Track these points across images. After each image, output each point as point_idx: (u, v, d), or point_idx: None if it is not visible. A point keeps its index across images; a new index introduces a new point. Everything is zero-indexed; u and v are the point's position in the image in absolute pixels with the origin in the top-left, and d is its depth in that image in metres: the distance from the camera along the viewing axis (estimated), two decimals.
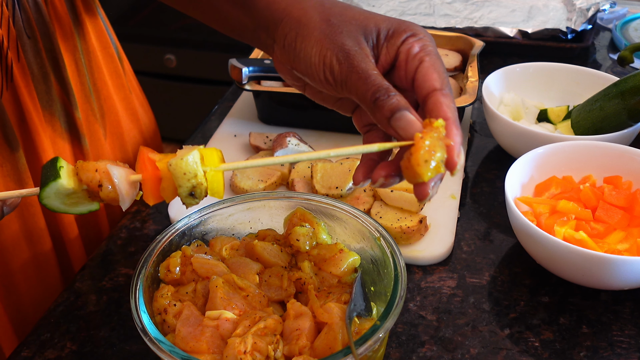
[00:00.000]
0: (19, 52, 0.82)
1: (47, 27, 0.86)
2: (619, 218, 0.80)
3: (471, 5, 1.47)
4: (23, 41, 0.83)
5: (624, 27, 1.40)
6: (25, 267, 0.87)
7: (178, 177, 0.57)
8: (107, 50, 1.00)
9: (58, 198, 0.58)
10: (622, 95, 0.92)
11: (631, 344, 0.73)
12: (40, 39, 0.85)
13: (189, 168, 0.56)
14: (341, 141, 1.04)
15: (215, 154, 0.59)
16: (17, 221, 0.85)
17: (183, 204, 0.58)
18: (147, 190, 0.59)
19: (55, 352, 0.73)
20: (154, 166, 0.58)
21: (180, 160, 0.56)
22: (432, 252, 0.83)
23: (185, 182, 0.56)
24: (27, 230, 0.86)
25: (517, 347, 0.72)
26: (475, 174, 1.00)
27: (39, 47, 0.84)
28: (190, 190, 0.57)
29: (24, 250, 0.87)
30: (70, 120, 0.91)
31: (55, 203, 0.58)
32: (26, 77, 0.84)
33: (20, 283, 0.87)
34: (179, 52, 2.43)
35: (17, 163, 0.83)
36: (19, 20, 0.82)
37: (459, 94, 1.06)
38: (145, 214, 0.93)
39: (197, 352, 0.59)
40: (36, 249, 0.88)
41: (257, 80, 1.05)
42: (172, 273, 0.68)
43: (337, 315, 0.61)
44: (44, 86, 0.86)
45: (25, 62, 0.83)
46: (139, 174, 0.59)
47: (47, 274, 0.90)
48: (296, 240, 0.70)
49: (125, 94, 1.05)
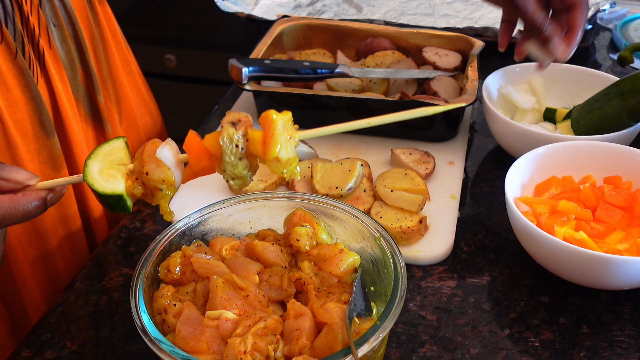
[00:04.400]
0: (50, 39, 0.85)
1: (70, 15, 0.89)
2: (619, 218, 0.80)
3: (471, 5, 1.47)
4: (51, 29, 0.85)
5: (624, 27, 1.40)
6: (61, 246, 0.91)
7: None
8: (116, 37, 1.03)
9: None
10: (622, 95, 0.92)
11: (631, 344, 0.73)
12: (64, 26, 0.88)
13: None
14: (341, 141, 1.04)
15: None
16: (53, 207, 0.88)
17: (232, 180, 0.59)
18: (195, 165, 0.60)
19: (55, 352, 0.73)
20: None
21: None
22: (432, 252, 0.83)
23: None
24: (63, 214, 0.90)
25: (517, 347, 0.72)
26: (475, 174, 1.00)
27: (64, 34, 0.88)
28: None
29: (59, 232, 0.91)
30: (94, 106, 0.95)
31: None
32: (57, 64, 0.87)
33: (58, 259, 0.91)
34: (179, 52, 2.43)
35: (52, 149, 0.86)
36: (45, 8, 0.85)
37: (458, 94, 1.06)
38: (145, 214, 0.93)
39: (197, 352, 0.59)
40: (70, 230, 0.92)
41: (257, 80, 1.05)
42: (172, 273, 0.68)
43: (337, 315, 0.61)
44: (70, 72, 0.90)
45: (56, 49, 0.86)
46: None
47: (78, 249, 0.95)
48: (296, 240, 0.70)
49: (135, 80, 1.08)
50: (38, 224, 0.87)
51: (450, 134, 1.04)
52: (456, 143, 1.04)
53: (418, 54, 1.15)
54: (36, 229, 0.87)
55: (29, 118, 0.82)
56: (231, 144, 0.58)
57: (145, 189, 0.60)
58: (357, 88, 1.08)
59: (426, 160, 0.96)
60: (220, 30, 2.25)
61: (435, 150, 1.01)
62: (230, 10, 1.42)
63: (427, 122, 1.01)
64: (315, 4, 1.48)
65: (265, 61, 1.04)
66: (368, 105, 1.00)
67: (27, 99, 0.82)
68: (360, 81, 1.09)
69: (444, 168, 0.98)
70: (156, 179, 0.59)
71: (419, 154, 0.97)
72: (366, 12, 1.44)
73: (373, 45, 1.16)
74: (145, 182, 0.59)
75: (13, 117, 0.81)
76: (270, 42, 1.14)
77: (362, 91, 1.08)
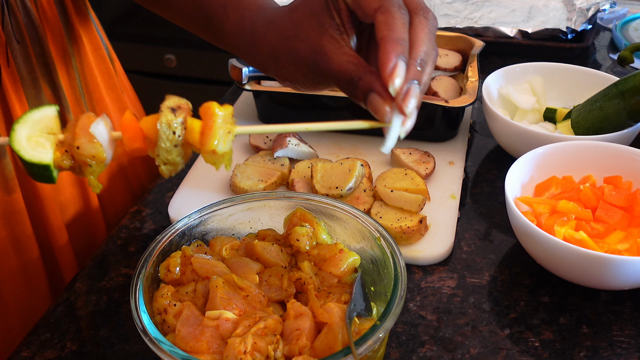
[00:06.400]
0: (8, 57, 0.82)
1: (37, 32, 0.85)
2: (619, 218, 0.80)
3: (471, 5, 1.47)
4: (13, 46, 0.82)
5: (624, 27, 1.40)
6: (13, 276, 0.86)
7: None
8: (98, 52, 0.99)
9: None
10: (622, 95, 0.92)
11: (631, 344, 0.73)
12: (30, 43, 0.84)
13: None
14: (341, 141, 1.04)
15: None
16: (3, 229, 0.84)
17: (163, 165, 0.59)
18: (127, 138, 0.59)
19: (55, 352, 0.73)
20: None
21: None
22: (432, 252, 0.83)
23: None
24: (14, 237, 0.86)
25: (517, 347, 0.72)
26: (475, 174, 1.00)
27: (28, 52, 0.84)
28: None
29: (11, 259, 0.86)
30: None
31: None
32: (15, 82, 0.84)
33: (7, 293, 0.86)
34: (179, 52, 2.43)
35: (4, 170, 0.83)
36: (8, 25, 0.81)
37: (459, 94, 1.06)
38: (145, 214, 0.93)
39: (197, 352, 0.59)
40: (24, 258, 0.87)
41: (257, 80, 1.05)
42: (172, 273, 0.68)
43: (337, 315, 0.61)
44: (33, 90, 0.86)
45: (15, 67, 0.83)
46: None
47: (36, 284, 0.89)
48: (296, 240, 0.70)
49: (118, 94, 1.04)
50: None
51: (450, 134, 1.04)
52: (456, 143, 1.04)
53: None
54: None
55: None
56: (169, 129, 0.57)
57: (74, 163, 0.58)
58: None
59: (426, 160, 0.96)
60: None
61: (435, 150, 1.01)
62: None
63: (427, 122, 1.01)
64: None
65: None
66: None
67: None
68: None
69: (444, 168, 0.98)
70: (87, 154, 0.58)
71: (419, 154, 0.97)
72: None
73: None
74: (75, 155, 0.58)
75: None
76: None
77: None
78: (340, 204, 0.72)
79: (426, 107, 0.95)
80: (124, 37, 2.34)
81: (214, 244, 0.72)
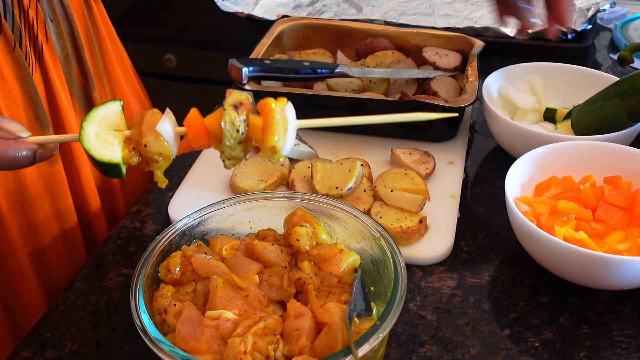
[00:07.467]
0: (47, 34, 0.86)
1: (66, 11, 0.90)
2: (619, 218, 0.80)
3: (471, 5, 1.47)
4: (48, 24, 0.86)
5: (624, 27, 1.40)
6: (55, 243, 0.91)
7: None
8: (111, 35, 1.04)
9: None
10: (622, 95, 0.92)
11: (631, 344, 0.73)
12: (61, 22, 0.89)
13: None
14: (341, 141, 1.04)
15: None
16: (47, 200, 0.88)
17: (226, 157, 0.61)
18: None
19: (55, 352, 0.73)
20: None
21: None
22: (432, 252, 0.83)
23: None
24: (56, 208, 0.90)
25: (517, 347, 0.72)
26: (475, 174, 1.00)
27: (60, 30, 0.89)
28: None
29: (53, 228, 0.90)
30: (89, 101, 0.96)
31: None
32: (54, 58, 0.88)
33: (51, 258, 0.91)
34: (179, 52, 2.43)
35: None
36: (43, 4, 0.86)
37: (458, 94, 1.06)
38: (145, 214, 0.93)
39: (197, 352, 0.59)
40: (65, 226, 0.92)
41: (257, 80, 1.05)
42: (172, 273, 0.68)
43: (337, 315, 0.61)
44: (65, 67, 0.90)
45: (53, 44, 0.87)
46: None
47: (74, 248, 0.94)
48: (296, 240, 0.70)
49: (130, 77, 1.09)
50: (30, 216, 0.87)
51: (450, 134, 1.04)
52: (456, 143, 1.04)
53: (418, 54, 1.15)
54: (28, 221, 0.87)
55: (24, 110, 0.83)
56: (232, 128, 0.59)
57: (141, 159, 0.61)
58: (357, 88, 1.08)
59: (426, 160, 0.96)
60: (220, 30, 2.25)
61: (435, 150, 1.01)
62: (230, 10, 1.42)
63: (427, 122, 1.01)
64: (315, 4, 1.48)
65: (265, 61, 1.04)
66: (368, 105, 1.00)
67: (23, 92, 0.82)
68: (360, 81, 1.09)
69: (444, 168, 0.98)
70: (154, 151, 0.60)
71: (419, 154, 0.97)
72: (366, 12, 1.44)
73: (373, 45, 1.16)
74: (143, 153, 0.60)
75: (9, 109, 0.81)
76: (270, 42, 1.14)
77: (362, 91, 1.08)
78: (340, 204, 0.72)
79: (426, 107, 0.95)
80: (123, 37, 2.33)
81: (214, 244, 0.72)
